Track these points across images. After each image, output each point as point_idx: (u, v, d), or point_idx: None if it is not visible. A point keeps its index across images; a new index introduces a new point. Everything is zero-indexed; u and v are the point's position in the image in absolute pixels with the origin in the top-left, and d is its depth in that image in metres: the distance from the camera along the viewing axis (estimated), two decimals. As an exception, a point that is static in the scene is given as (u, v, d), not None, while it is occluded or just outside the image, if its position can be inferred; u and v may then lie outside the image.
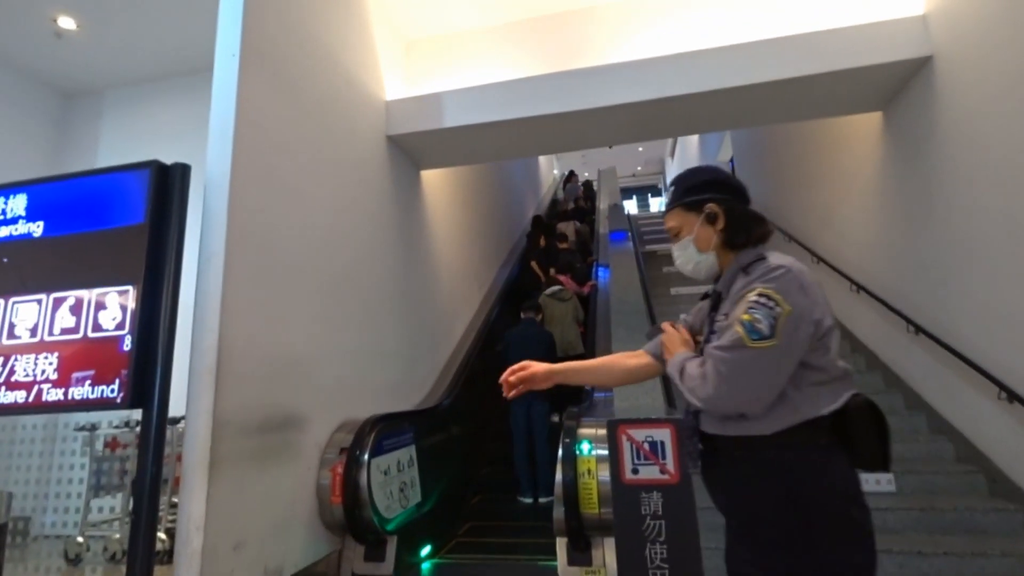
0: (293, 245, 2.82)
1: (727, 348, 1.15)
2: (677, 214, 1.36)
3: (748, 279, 1.21)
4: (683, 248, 1.36)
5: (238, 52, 2.50)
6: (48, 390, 2.04)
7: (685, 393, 1.24)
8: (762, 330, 1.11)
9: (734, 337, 1.14)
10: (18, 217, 2.28)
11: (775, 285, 1.15)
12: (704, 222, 1.32)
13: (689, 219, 1.34)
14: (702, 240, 1.32)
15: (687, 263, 1.37)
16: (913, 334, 3.85)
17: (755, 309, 1.13)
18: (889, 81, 3.76)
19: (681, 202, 1.36)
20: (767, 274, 1.17)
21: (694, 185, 1.36)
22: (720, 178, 1.37)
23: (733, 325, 1.16)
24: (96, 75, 4.73)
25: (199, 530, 2.05)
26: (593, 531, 2.74)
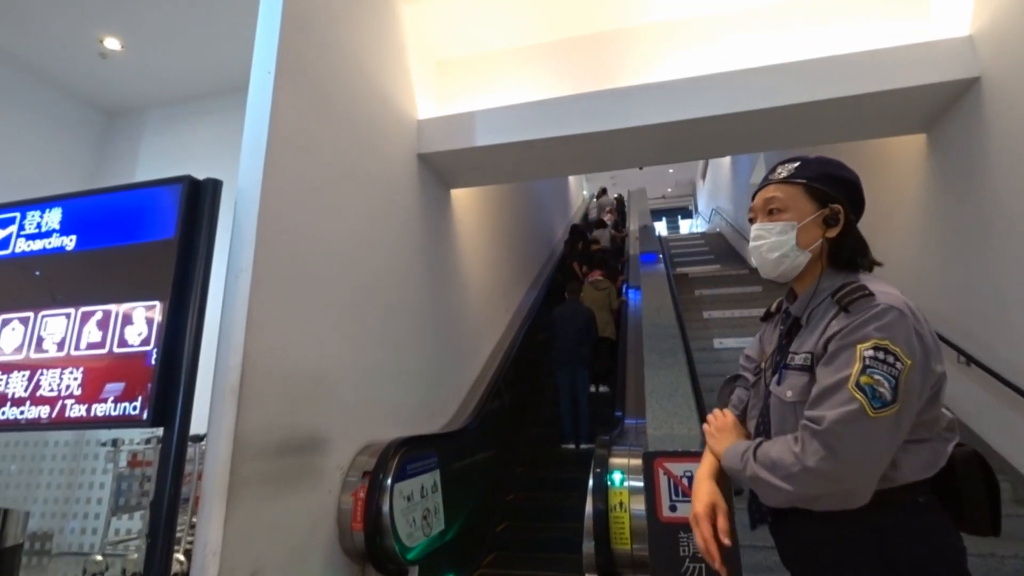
0: (321, 263, 2.78)
1: (843, 421, 0.92)
2: (792, 191, 1.12)
3: (850, 320, 0.98)
4: (779, 231, 1.10)
5: (274, 69, 2.51)
6: (72, 406, 2.01)
7: (765, 484, 0.98)
8: (885, 396, 0.91)
9: (852, 407, 0.92)
10: (52, 231, 2.29)
11: (891, 335, 0.94)
12: (820, 219, 1.10)
13: (804, 205, 1.10)
14: (808, 235, 1.09)
15: (773, 249, 1.11)
16: (964, 365, 3.63)
17: (874, 369, 0.92)
18: (934, 102, 3.62)
19: (807, 182, 1.11)
20: (878, 318, 0.96)
21: (832, 176, 1.13)
22: (858, 186, 1.15)
23: (844, 387, 0.93)
24: (138, 94, 4.86)
25: (215, 556, 1.97)
26: (624, 568, 2.58)
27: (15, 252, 2.30)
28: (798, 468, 0.94)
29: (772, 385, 1.11)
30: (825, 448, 0.92)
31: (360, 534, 2.68)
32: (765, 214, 1.14)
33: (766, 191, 1.15)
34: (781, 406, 1.07)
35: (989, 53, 3.26)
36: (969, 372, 3.61)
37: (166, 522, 1.86)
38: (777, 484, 0.96)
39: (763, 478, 0.99)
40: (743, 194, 10.96)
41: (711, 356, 5.57)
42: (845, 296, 1.02)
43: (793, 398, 1.05)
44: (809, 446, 0.94)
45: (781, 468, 0.96)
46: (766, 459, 1.00)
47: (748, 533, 1.22)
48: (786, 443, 0.99)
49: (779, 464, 0.97)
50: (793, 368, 1.07)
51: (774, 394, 1.10)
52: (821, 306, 1.09)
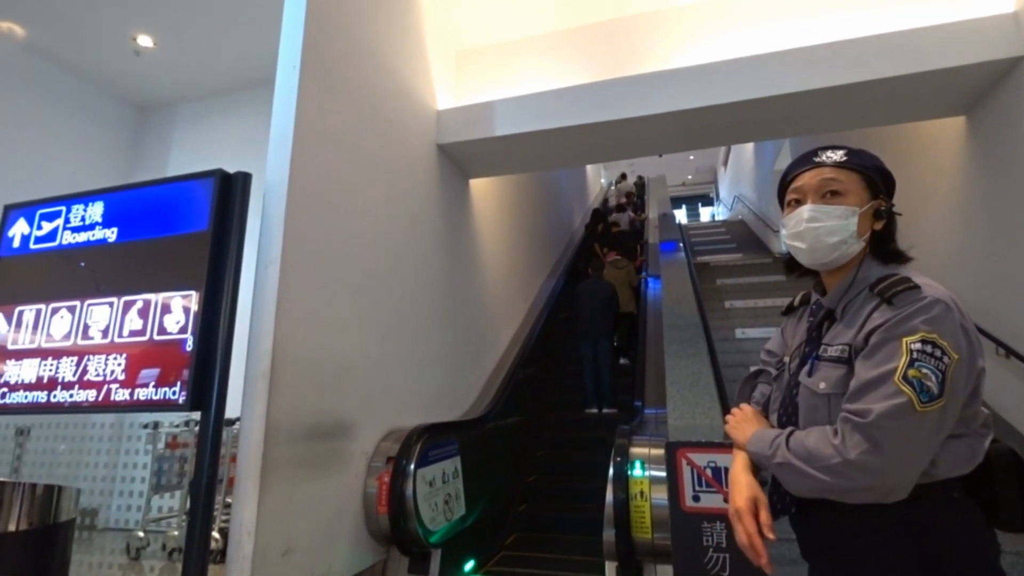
0: (346, 253, 2.84)
1: (890, 415, 0.89)
2: (851, 177, 1.09)
3: (895, 312, 0.96)
4: (840, 215, 1.06)
5: (299, 64, 2.56)
6: (116, 390, 2.12)
7: (797, 472, 0.96)
8: (932, 390, 0.89)
9: (900, 400, 0.89)
10: (95, 223, 2.39)
11: (939, 328, 0.92)
12: (872, 211, 1.08)
13: (862, 193, 1.08)
14: (865, 223, 1.07)
15: (831, 233, 1.06)
16: (1003, 357, 3.52)
17: (922, 362, 0.90)
18: (975, 83, 3.48)
19: (866, 171, 1.09)
20: (925, 311, 0.93)
21: (881, 169, 1.11)
22: (894, 182, 1.15)
23: (890, 380, 0.91)
24: (170, 89, 5.00)
25: (250, 535, 2.06)
26: (645, 557, 2.61)
27: (62, 244, 2.41)
28: (837, 460, 0.91)
29: (802, 376, 1.08)
30: (869, 441, 0.89)
31: (385, 517, 2.76)
32: (820, 196, 1.09)
33: (821, 172, 1.10)
34: (812, 397, 1.05)
35: (1034, 31, 3.12)
36: (1008, 364, 3.50)
37: (205, 501, 1.95)
38: (811, 473, 0.94)
39: (796, 465, 0.96)
40: (767, 181, 10.68)
41: (733, 346, 5.50)
42: (888, 288, 0.99)
43: (827, 390, 1.02)
44: (851, 439, 0.91)
45: (818, 458, 0.94)
46: (800, 448, 0.97)
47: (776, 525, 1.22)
48: (823, 434, 0.96)
49: (816, 454, 0.94)
50: (827, 360, 1.04)
51: (804, 385, 1.07)
52: (858, 298, 1.06)
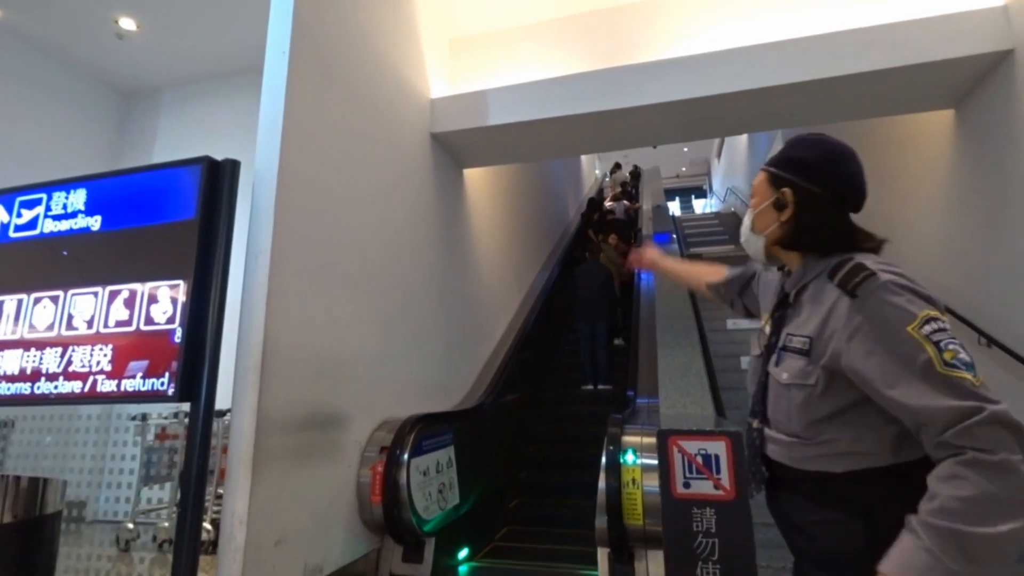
0: (337, 242, 2.82)
1: (970, 412, 0.81)
2: (761, 178, 1.16)
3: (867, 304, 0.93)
4: (747, 217, 1.19)
5: (288, 49, 2.51)
6: (102, 381, 2.09)
7: (994, 540, 0.75)
8: (969, 360, 0.86)
9: (967, 387, 0.83)
10: (78, 211, 2.34)
11: (921, 303, 0.91)
12: (772, 205, 1.11)
13: (765, 191, 1.13)
14: (762, 220, 1.14)
15: (743, 234, 1.20)
16: (985, 347, 3.58)
17: (944, 340, 0.86)
18: (964, 77, 3.51)
19: (767, 168, 1.15)
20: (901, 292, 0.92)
21: (787, 158, 1.11)
22: (815, 164, 1.07)
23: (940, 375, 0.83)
24: (154, 74, 4.89)
25: (242, 525, 2.05)
26: (637, 543, 2.64)
27: (43, 232, 2.36)
28: (1005, 477, 0.76)
29: (770, 366, 1.10)
30: (999, 431, 0.79)
31: (378, 507, 2.76)
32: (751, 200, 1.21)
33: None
34: (777, 387, 1.08)
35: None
36: (990, 353, 3.56)
37: (195, 493, 1.93)
38: (1007, 527, 0.74)
39: (1007, 531, 0.74)
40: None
41: (724, 337, 5.55)
42: (846, 278, 0.97)
43: (788, 380, 1.03)
44: (989, 442, 0.78)
45: (990, 499, 0.75)
46: (962, 510, 0.76)
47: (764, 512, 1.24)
48: (954, 473, 0.79)
49: (983, 498, 0.75)
50: (790, 350, 1.05)
51: (771, 375, 1.10)
52: (812, 287, 1.07)
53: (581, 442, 4.80)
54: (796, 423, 1.02)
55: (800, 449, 1.02)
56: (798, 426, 1.02)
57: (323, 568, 2.48)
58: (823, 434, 0.99)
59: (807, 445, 1.01)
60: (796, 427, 1.03)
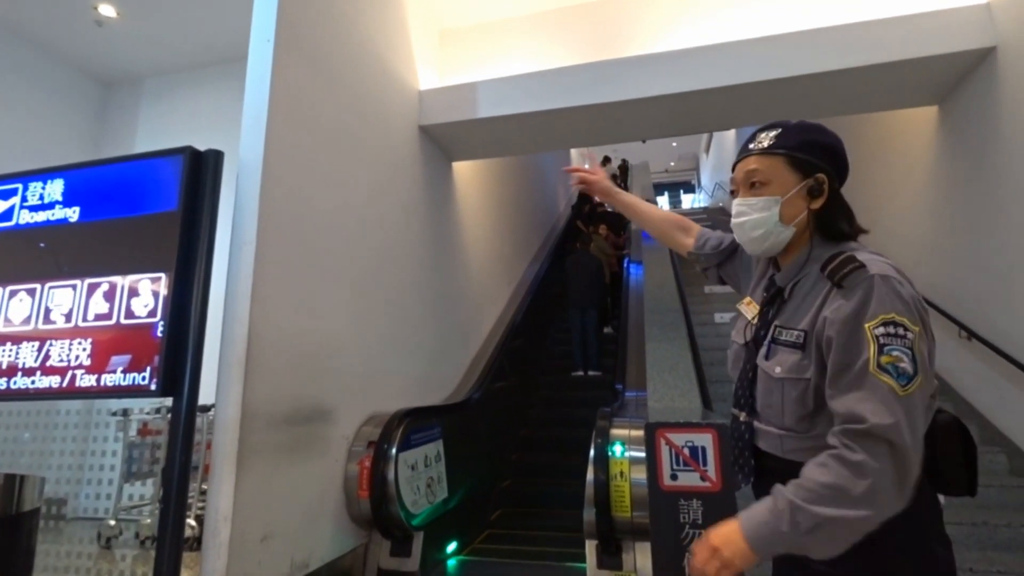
0: (324, 235, 2.78)
1: (882, 415, 0.86)
2: (773, 162, 1.05)
3: (847, 297, 0.94)
4: (761, 207, 1.05)
5: (273, 37, 2.47)
6: (82, 376, 2.04)
7: (842, 523, 0.85)
8: (908, 370, 0.87)
9: (883, 392, 0.87)
10: (55, 202, 2.28)
11: (893, 306, 0.90)
12: (804, 191, 1.03)
13: (787, 177, 1.04)
14: (792, 208, 1.04)
15: (756, 227, 1.06)
16: (965, 340, 3.65)
17: (892, 346, 0.88)
18: (948, 73, 3.55)
19: (789, 153, 1.04)
20: (876, 290, 0.92)
21: (814, 143, 1.05)
22: (841, 150, 1.08)
23: (869, 375, 0.88)
24: (135, 63, 4.78)
25: (227, 521, 2.03)
26: (624, 535, 2.65)
27: (19, 224, 2.30)
28: (867, 479, 0.84)
29: (759, 360, 1.07)
30: (877, 444, 0.86)
31: (366, 501, 2.75)
32: (747, 188, 1.08)
33: (746, 163, 1.08)
34: (768, 381, 1.06)
35: (1007, 21, 3.18)
36: (970, 346, 3.63)
37: (178, 488, 1.90)
38: (854, 515, 0.84)
39: (836, 516, 0.84)
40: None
41: (712, 330, 5.59)
42: (836, 270, 0.97)
43: (782, 375, 1.02)
44: (863, 448, 0.86)
45: (845, 492, 0.85)
46: (819, 493, 0.86)
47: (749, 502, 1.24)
48: (825, 464, 0.88)
49: (840, 487, 0.85)
50: (783, 344, 1.03)
51: (761, 368, 1.07)
52: (808, 279, 1.04)
53: (572, 424, 4.98)
54: (789, 417, 1.02)
55: (792, 442, 1.02)
56: (791, 420, 1.02)
57: (310, 563, 2.46)
58: (816, 427, 0.99)
59: (800, 438, 1.01)
60: (789, 421, 1.02)
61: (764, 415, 1.08)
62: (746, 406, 1.12)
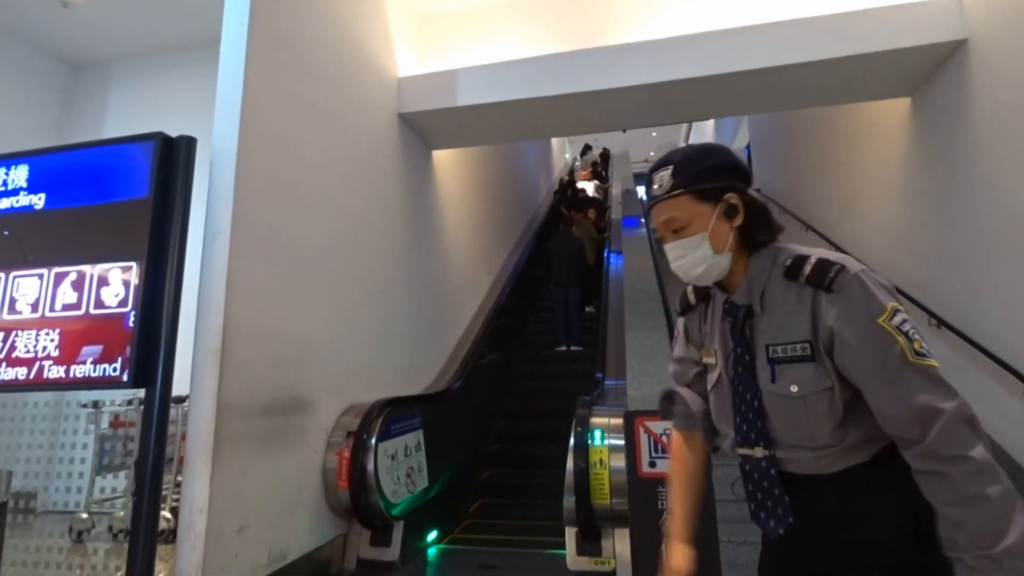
0: (301, 223, 2.74)
1: (942, 393, 0.88)
2: (683, 203, 1.04)
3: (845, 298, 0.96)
4: (692, 247, 1.05)
5: (247, 20, 2.41)
6: (50, 367, 1.99)
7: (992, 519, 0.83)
8: (928, 349, 0.92)
9: (934, 376, 0.89)
10: (19, 188, 2.21)
11: (888, 295, 0.95)
12: (721, 215, 1.04)
13: (701, 211, 1.04)
14: (719, 237, 1.04)
15: (696, 265, 1.06)
16: (935, 327, 3.74)
17: (913, 332, 0.92)
18: (920, 66, 3.61)
19: (691, 189, 1.04)
20: (870, 286, 0.95)
21: (708, 168, 1.06)
22: (735, 161, 1.09)
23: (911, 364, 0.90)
24: (104, 46, 4.62)
25: (202, 513, 2.00)
26: (604, 521, 2.69)
27: (-19, 211, 2.22)
28: (982, 463, 0.84)
29: (764, 384, 1.03)
30: (965, 426, 0.86)
31: (345, 492, 2.74)
32: (671, 233, 1.08)
33: (659, 211, 1.08)
34: (786, 403, 1.01)
35: (978, 14, 3.24)
36: (939, 334, 3.72)
37: (151, 481, 1.87)
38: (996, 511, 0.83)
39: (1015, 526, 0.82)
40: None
41: (691, 319, 5.65)
42: (817, 275, 0.98)
43: (801, 392, 0.99)
44: (957, 436, 0.85)
45: (985, 496, 0.83)
46: (981, 517, 0.84)
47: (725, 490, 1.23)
48: (953, 487, 0.86)
49: (981, 494, 0.83)
50: (787, 361, 1.01)
51: (772, 393, 1.02)
52: (774, 288, 1.04)
53: (557, 396, 5.25)
54: (821, 434, 0.98)
55: (829, 456, 0.99)
56: (825, 435, 0.98)
57: (288, 555, 2.45)
58: (849, 432, 0.98)
59: (836, 450, 0.99)
60: (823, 437, 0.98)
61: (787, 441, 1.02)
62: (761, 439, 1.04)
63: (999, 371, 3.09)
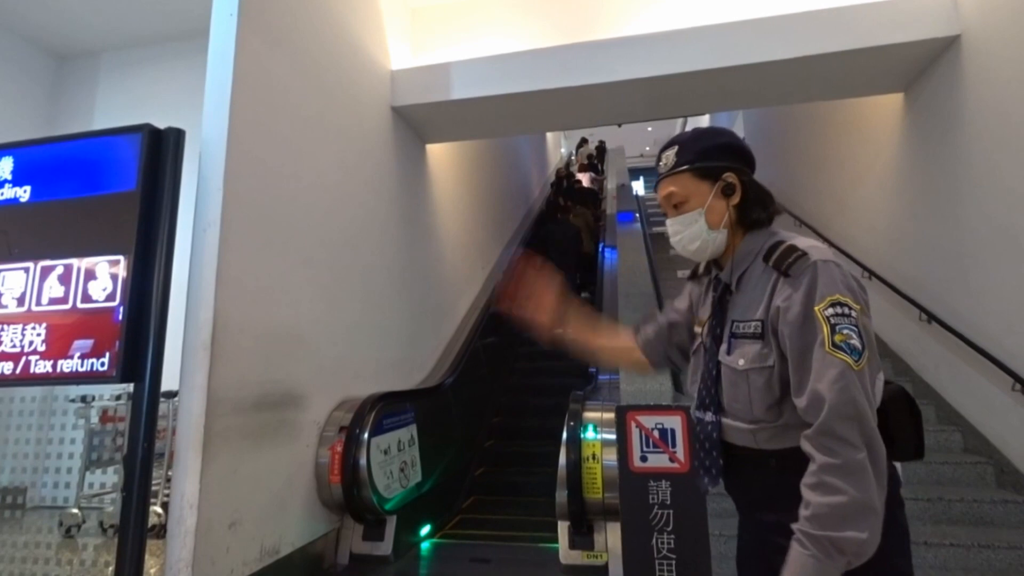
0: (292, 217, 2.72)
1: (841, 387, 0.92)
2: (684, 180, 1.12)
3: (794, 284, 1.00)
4: (689, 222, 1.12)
5: (236, 11, 2.37)
6: (36, 362, 1.97)
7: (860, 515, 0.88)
8: (857, 346, 0.93)
9: (840, 369, 0.92)
10: (4, 181, 2.17)
11: (837, 287, 0.97)
12: (719, 193, 1.10)
13: (700, 188, 1.11)
14: (715, 214, 1.10)
15: (692, 240, 1.13)
16: (926, 323, 3.77)
17: (842, 325, 0.94)
18: (913, 61, 3.61)
19: (693, 166, 1.11)
20: (821, 275, 0.98)
21: (710, 148, 1.12)
22: (737, 144, 1.17)
23: (826, 355, 0.93)
24: (92, 36, 4.55)
25: (193, 508, 1.99)
26: (596, 515, 2.70)
27: (-35, 203, 2.19)
28: (848, 462, 0.88)
29: (722, 355, 1.10)
30: (848, 418, 0.90)
31: (338, 486, 2.73)
32: (672, 208, 1.15)
33: (662, 187, 1.15)
34: (733, 374, 1.08)
35: (971, 10, 3.24)
36: (929, 329, 3.75)
37: (140, 476, 1.86)
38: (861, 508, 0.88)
39: (860, 527, 0.87)
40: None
41: (685, 314, 5.67)
42: (780, 259, 1.03)
43: (745, 366, 1.05)
44: (833, 434, 0.90)
45: (839, 490, 0.88)
46: (829, 506, 0.89)
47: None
48: (820, 483, 0.90)
49: (834, 486, 0.88)
50: (742, 336, 1.07)
51: (725, 364, 1.09)
52: (753, 270, 1.10)
53: (554, 373, 5.78)
54: (758, 408, 1.04)
55: (764, 431, 1.04)
56: (760, 410, 1.04)
57: (280, 549, 2.44)
58: (784, 414, 1.02)
59: (771, 427, 1.04)
60: (758, 412, 1.04)
61: (731, 410, 1.09)
62: (712, 405, 1.13)
63: (989, 367, 3.12)
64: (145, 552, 1.85)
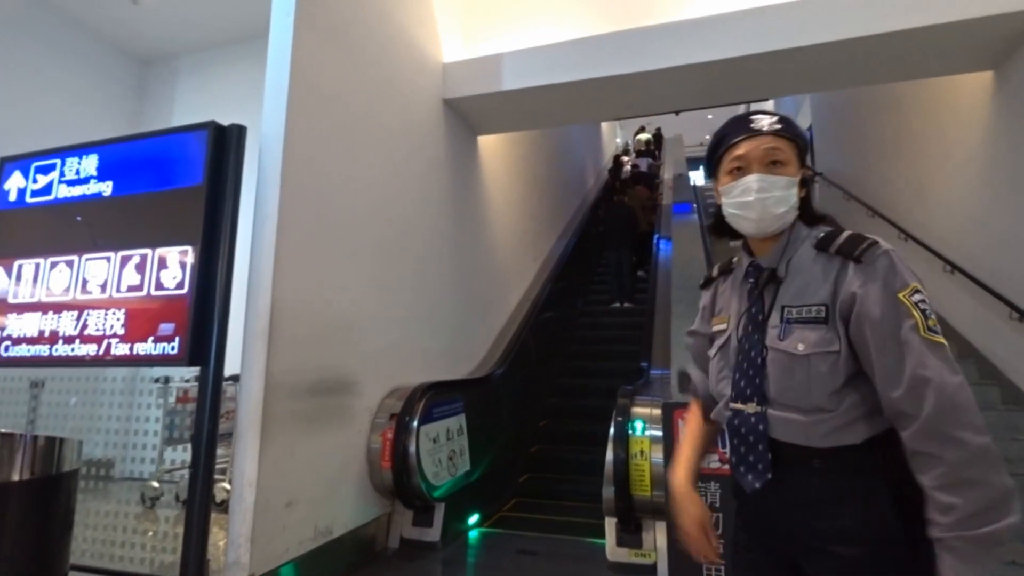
0: (347, 208, 2.80)
1: (946, 369, 0.91)
2: (789, 146, 1.10)
3: (872, 270, 0.98)
4: (785, 185, 1.08)
5: (293, 11, 2.46)
6: (116, 345, 2.13)
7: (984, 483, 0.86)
8: (938, 329, 0.95)
9: (944, 353, 0.92)
10: (90, 177, 2.36)
11: (912, 275, 0.98)
12: (801, 178, 1.12)
13: (795, 161, 1.10)
14: (797, 193, 1.10)
15: (778, 204, 1.07)
16: (1016, 321, 3.45)
17: (928, 312, 0.96)
18: (1004, 35, 3.27)
19: (796, 140, 1.11)
20: (896, 263, 0.98)
21: (804, 138, 1.15)
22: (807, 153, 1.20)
23: (921, 338, 0.93)
24: (170, 41, 4.87)
25: (252, 487, 2.10)
26: (644, 513, 2.65)
27: (58, 198, 2.39)
28: (980, 448, 0.87)
29: (771, 341, 1.05)
30: (955, 396, 0.89)
31: (388, 472, 2.81)
32: (764, 165, 1.08)
33: (764, 140, 1.09)
34: (789, 360, 1.02)
35: (1075, -23, 2.91)
36: (1020, 328, 3.43)
37: (206, 454, 1.98)
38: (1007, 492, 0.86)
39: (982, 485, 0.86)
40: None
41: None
42: (848, 246, 1.02)
43: (806, 351, 1.00)
44: (951, 419, 0.88)
45: (983, 482, 0.86)
46: (978, 500, 0.86)
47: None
48: (949, 471, 0.88)
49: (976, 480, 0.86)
50: (800, 321, 1.03)
51: (778, 349, 1.04)
52: (804, 257, 1.08)
53: (613, 340, 6.39)
54: (817, 395, 0.99)
55: (822, 424, 0.99)
56: (821, 398, 0.99)
57: (333, 530, 2.54)
58: (845, 400, 0.98)
59: (831, 417, 0.99)
60: (819, 399, 0.99)
61: (782, 400, 1.03)
62: (754, 396, 1.06)
63: (1090, 370, 2.82)
64: (210, 525, 1.97)
